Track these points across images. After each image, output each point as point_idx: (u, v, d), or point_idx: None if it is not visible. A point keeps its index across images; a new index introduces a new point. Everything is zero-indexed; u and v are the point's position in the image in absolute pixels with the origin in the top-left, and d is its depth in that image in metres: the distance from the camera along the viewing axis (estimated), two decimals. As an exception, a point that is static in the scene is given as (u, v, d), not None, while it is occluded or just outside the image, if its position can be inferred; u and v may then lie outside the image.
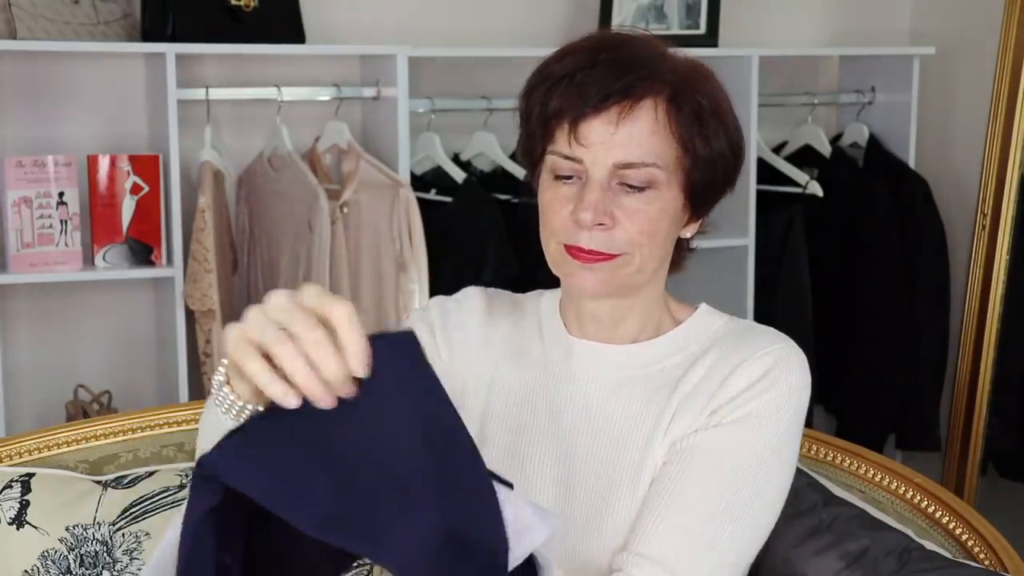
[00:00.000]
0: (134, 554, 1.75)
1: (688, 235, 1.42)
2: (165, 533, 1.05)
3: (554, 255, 1.38)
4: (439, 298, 1.54)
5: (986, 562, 1.66)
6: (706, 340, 1.42)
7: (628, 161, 1.31)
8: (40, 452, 1.85)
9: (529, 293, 1.55)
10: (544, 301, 1.51)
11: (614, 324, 1.43)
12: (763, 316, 3.02)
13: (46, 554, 1.74)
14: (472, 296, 1.53)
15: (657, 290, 1.44)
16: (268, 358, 0.96)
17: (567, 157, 1.33)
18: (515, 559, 0.99)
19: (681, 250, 1.45)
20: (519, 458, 1.42)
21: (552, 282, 1.49)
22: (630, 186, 1.32)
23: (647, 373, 1.42)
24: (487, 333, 1.50)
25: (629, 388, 1.41)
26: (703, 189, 1.37)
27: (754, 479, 1.33)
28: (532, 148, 1.40)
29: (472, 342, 1.49)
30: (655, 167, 1.32)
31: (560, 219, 1.35)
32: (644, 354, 1.43)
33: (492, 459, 1.20)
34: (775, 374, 1.36)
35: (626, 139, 1.31)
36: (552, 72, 1.35)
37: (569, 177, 1.34)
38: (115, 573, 1.74)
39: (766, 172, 3.10)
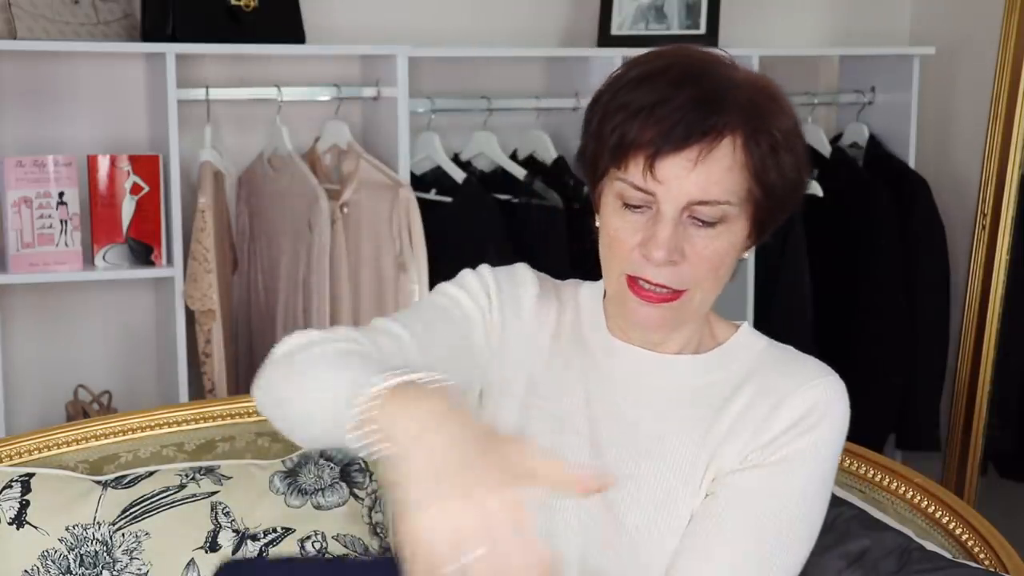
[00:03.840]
0: (134, 554, 1.75)
1: (745, 256, 1.40)
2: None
3: (615, 285, 1.36)
4: (488, 267, 1.49)
5: (986, 562, 1.66)
6: (748, 362, 1.41)
7: (703, 199, 1.29)
8: (40, 452, 1.86)
9: (567, 281, 1.52)
10: (583, 293, 1.48)
11: (662, 342, 1.42)
12: (763, 316, 3.02)
13: (46, 554, 1.74)
14: (525, 272, 1.49)
15: (708, 312, 1.43)
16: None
17: (639, 189, 1.30)
18: None
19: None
20: (557, 452, 1.39)
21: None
22: (701, 221, 1.30)
23: (690, 386, 1.41)
24: (538, 312, 1.46)
25: (673, 402, 1.40)
26: (770, 218, 1.36)
27: (796, 520, 1.34)
28: (596, 164, 1.36)
29: (525, 319, 1.46)
30: (728, 204, 1.30)
31: (627, 249, 1.32)
32: (686, 368, 1.41)
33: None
34: (820, 411, 1.36)
35: (703, 177, 1.28)
36: (631, 102, 1.31)
37: (638, 207, 1.32)
38: (115, 573, 1.74)
39: (766, 172, 3.10)
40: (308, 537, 1.79)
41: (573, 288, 1.50)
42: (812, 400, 1.36)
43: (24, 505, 1.75)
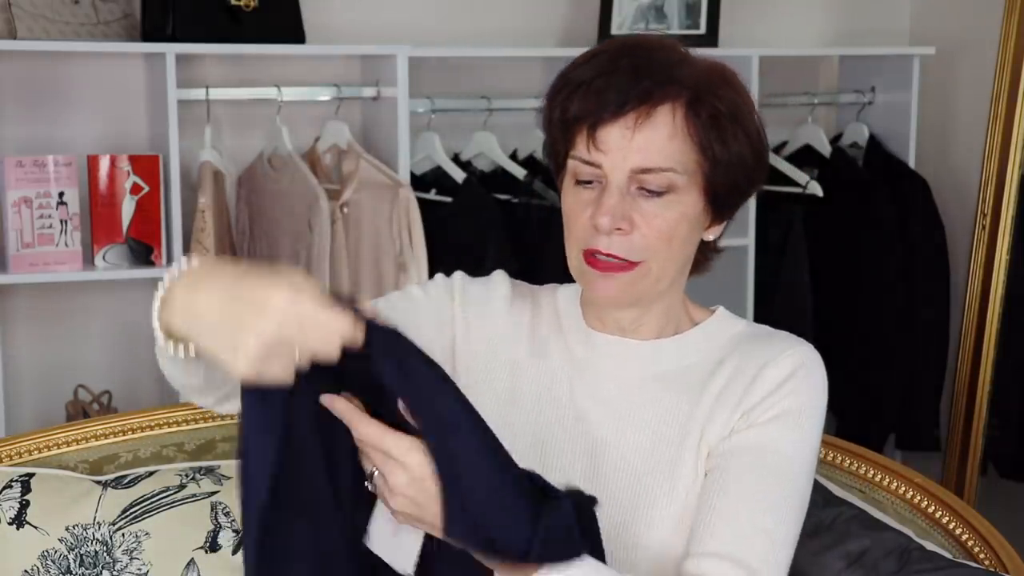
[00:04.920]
0: (134, 554, 1.75)
1: (711, 237, 1.43)
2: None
3: (575, 263, 1.39)
4: (463, 274, 1.53)
5: (986, 562, 1.66)
6: (727, 342, 1.44)
7: (646, 166, 1.32)
8: (40, 452, 1.86)
9: (544, 286, 1.55)
10: (560, 294, 1.51)
11: (636, 326, 1.44)
12: (763, 316, 3.02)
13: (46, 554, 1.74)
14: (500, 281, 1.53)
15: (678, 293, 1.45)
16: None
17: (587, 162, 1.34)
18: None
19: (707, 251, 1.46)
20: (544, 453, 1.42)
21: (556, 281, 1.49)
22: (648, 191, 1.33)
23: (669, 370, 1.42)
24: (511, 320, 1.49)
25: (654, 386, 1.42)
26: (724, 193, 1.38)
27: (795, 475, 1.36)
28: (556, 153, 1.41)
29: (496, 327, 1.48)
30: (673, 172, 1.33)
31: (581, 224, 1.36)
32: (665, 351, 1.43)
33: (519, 451, 1.21)
34: (800, 375, 1.39)
35: (644, 144, 1.32)
36: (573, 77, 1.36)
37: (590, 182, 1.36)
38: (115, 573, 1.74)
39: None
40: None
41: (550, 290, 1.53)
42: (791, 366, 1.39)
43: (24, 505, 1.75)
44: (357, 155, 2.77)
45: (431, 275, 2.67)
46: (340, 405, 1.18)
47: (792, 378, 1.38)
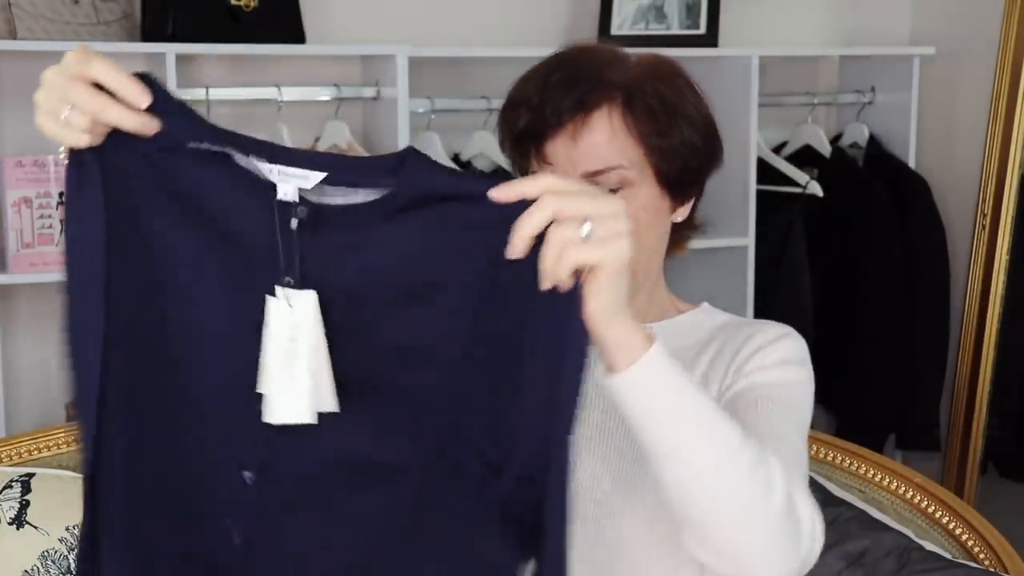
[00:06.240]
0: (134, 554, 1.75)
1: (679, 219, 1.47)
2: None
3: None
4: None
5: (986, 562, 1.66)
6: (713, 329, 1.48)
7: (594, 169, 1.37)
8: (40, 452, 1.86)
9: None
10: None
11: None
12: (763, 316, 3.01)
13: (46, 554, 1.74)
14: None
15: (653, 275, 1.48)
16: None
17: None
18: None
19: (682, 229, 1.50)
20: None
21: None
22: None
23: None
24: None
25: None
26: (678, 177, 1.41)
27: (796, 409, 1.37)
28: (521, 169, 1.47)
29: None
30: (622, 168, 1.37)
31: None
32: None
33: None
34: (788, 339, 1.42)
35: (587, 149, 1.37)
36: (515, 97, 1.44)
37: None
38: (115, 573, 1.74)
39: (766, 172, 3.10)
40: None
41: None
42: (778, 332, 1.43)
43: (24, 505, 1.75)
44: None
45: (431, 275, 2.68)
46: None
47: (781, 339, 1.41)
